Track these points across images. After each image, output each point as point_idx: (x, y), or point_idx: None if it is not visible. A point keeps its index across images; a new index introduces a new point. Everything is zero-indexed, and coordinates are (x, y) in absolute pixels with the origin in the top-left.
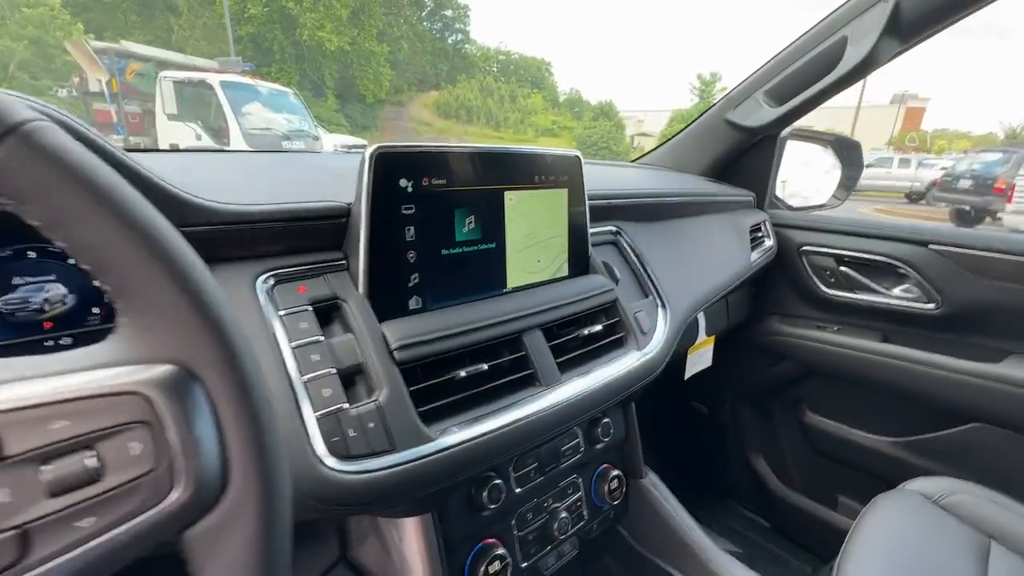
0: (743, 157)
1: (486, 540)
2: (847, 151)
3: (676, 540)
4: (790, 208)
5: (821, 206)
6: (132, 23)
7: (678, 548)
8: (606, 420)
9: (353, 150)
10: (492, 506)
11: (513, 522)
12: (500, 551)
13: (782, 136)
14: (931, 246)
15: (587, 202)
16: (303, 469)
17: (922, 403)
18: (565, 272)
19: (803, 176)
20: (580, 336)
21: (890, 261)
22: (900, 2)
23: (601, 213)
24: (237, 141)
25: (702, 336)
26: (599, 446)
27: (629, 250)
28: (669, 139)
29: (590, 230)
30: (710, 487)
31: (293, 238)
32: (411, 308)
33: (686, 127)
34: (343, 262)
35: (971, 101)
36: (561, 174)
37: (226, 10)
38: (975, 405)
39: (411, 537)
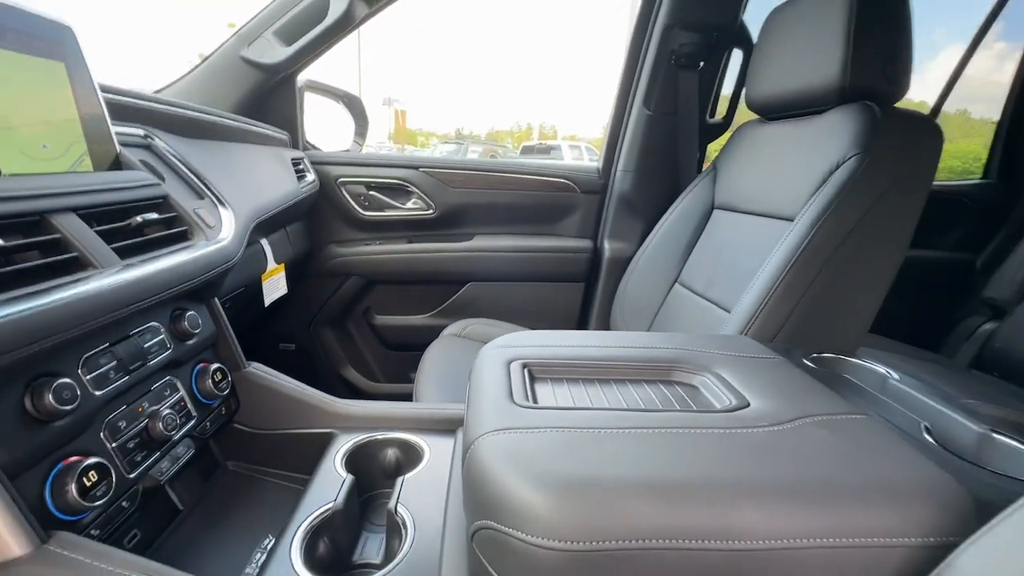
0: (270, 100)
1: (67, 460)
2: (354, 105)
3: (296, 403)
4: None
5: (347, 151)
6: None
7: (302, 409)
8: (191, 313)
9: None
10: (66, 407)
11: (105, 433)
12: (92, 460)
13: (300, 86)
14: (421, 168)
15: (100, 93)
16: None
17: (440, 281)
18: (90, 167)
19: (326, 126)
20: (133, 224)
21: (400, 182)
22: None
23: (122, 113)
24: None
25: (272, 264)
26: (190, 341)
27: (170, 155)
28: (182, 77)
29: (114, 128)
30: None
31: None
32: None
33: (200, 63)
34: None
35: (436, 108)
36: (45, 39)
37: None
38: (466, 271)
39: None
